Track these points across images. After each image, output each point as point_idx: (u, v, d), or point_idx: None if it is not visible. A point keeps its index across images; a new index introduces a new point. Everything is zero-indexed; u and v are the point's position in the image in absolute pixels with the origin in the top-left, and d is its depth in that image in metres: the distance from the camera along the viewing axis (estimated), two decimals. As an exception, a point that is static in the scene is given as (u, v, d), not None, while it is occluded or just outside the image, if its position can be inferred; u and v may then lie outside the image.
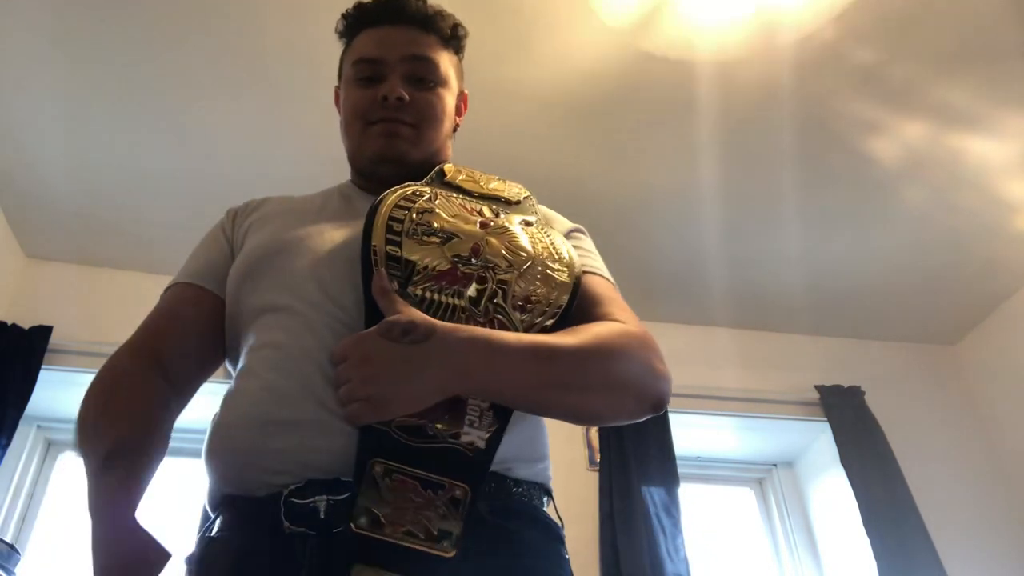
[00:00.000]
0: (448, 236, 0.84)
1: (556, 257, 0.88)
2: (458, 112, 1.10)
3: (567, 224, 1.02)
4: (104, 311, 2.58)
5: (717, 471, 3.04)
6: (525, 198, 0.98)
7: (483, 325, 0.79)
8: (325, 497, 0.72)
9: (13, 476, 2.39)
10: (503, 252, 0.84)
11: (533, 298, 0.82)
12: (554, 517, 0.86)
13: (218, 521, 0.80)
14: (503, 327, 0.79)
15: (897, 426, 2.82)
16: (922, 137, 2.32)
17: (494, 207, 0.93)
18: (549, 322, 0.82)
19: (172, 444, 2.87)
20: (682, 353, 2.91)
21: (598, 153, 2.39)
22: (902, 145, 2.34)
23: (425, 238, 0.83)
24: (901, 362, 3.14)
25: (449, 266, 0.81)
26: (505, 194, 0.97)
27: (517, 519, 0.78)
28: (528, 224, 0.91)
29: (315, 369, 0.78)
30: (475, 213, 0.89)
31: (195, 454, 2.77)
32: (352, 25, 1.06)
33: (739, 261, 2.77)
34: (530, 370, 0.77)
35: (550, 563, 0.80)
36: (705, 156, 2.37)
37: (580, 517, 2.40)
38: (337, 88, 1.11)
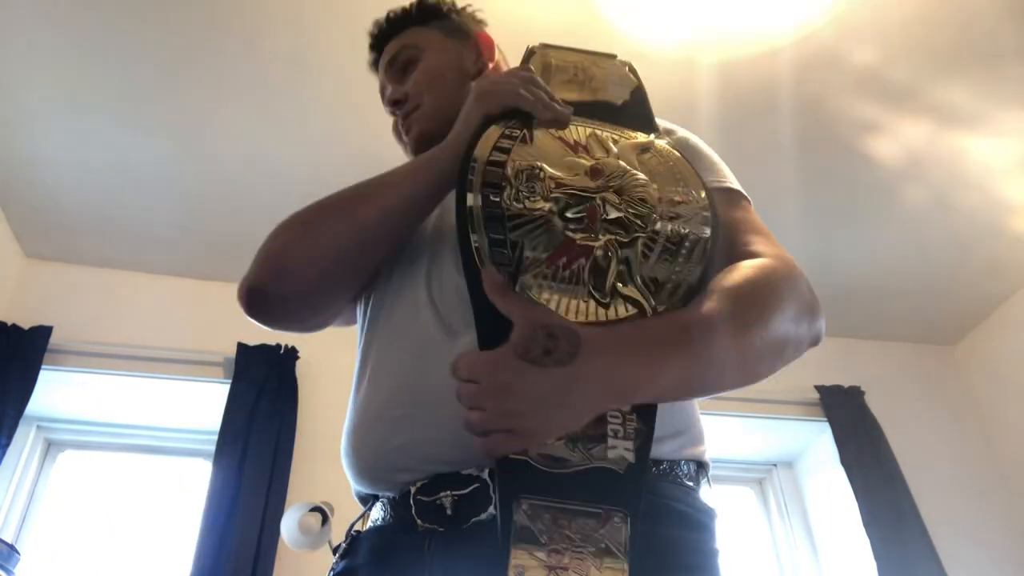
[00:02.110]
0: (556, 200, 0.69)
1: (685, 199, 0.73)
2: (482, 59, 1.07)
3: (669, 127, 0.93)
4: (104, 311, 2.58)
5: (717, 471, 3.01)
6: (634, 92, 0.84)
7: (607, 305, 0.67)
8: (449, 493, 0.71)
9: (13, 476, 2.39)
10: (625, 211, 0.70)
11: (665, 270, 0.69)
12: (708, 498, 0.78)
13: (364, 518, 0.83)
14: (635, 304, 0.67)
15: (897, 426, 2.82)
16: (922, 137, 2.31)
17: (600, 129, 0.77)
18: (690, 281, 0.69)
19: (172, 444, 2.87)
20: (682, 353, 2.91)
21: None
22: (902, 145, 2.34)
23: (529, 203, 0.69)
24: (901, 362, 3.13)
25: (563, 240, 0.67)
26: (610, 96, 0.82)
27: (655, 515, 0.69)
28: (645, 151, 0.76)
29: (417, 369, 0.77)
30: (581, 151, 0.74)
31: (195, 454, 2.77)
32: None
33: (739, 261, 2.76)
34: (691, 361, 0.67)
35: (697, 571, 0.72)
36: (705, 156, 2.37)
37: (580, 517, 2.39)
38: None
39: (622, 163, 0.74)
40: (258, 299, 0.83)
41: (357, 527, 0.83)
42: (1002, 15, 1.99)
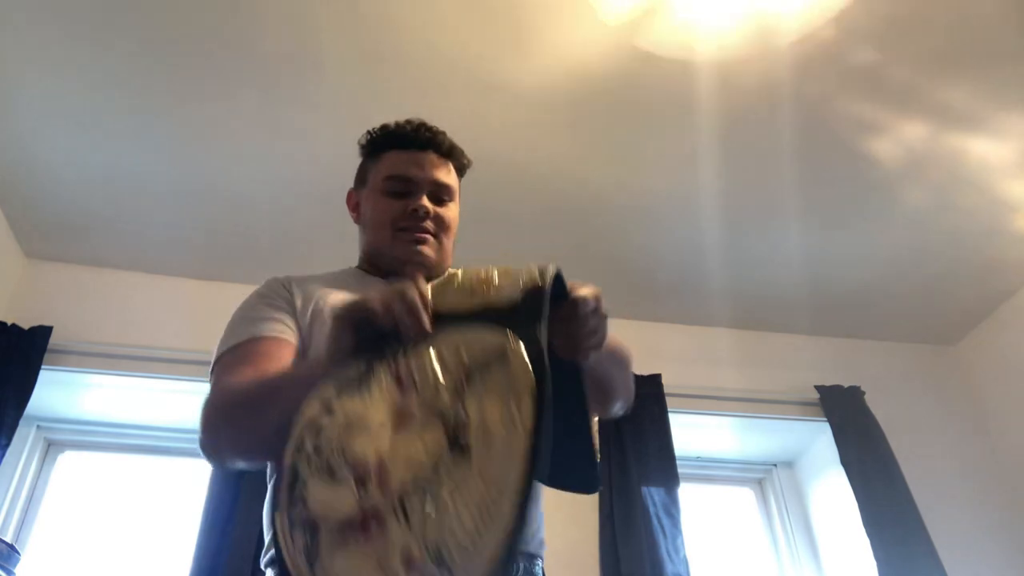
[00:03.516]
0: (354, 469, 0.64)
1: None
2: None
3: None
4: (104, 311, 2.58)
5: (717, 471, 3.03)
6: (529, 291, 0.72)
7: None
8: None
9: (13, 476, 2.39)
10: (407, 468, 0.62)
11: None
12: None
13: None
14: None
15: (897, 426, 2.82)
16: (922, 137, 2.31)
17: (448, 348, 0.69)
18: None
19: (171, 444, 2.86)
20: (682, 353, 2.92)
21: (599, 154, 2.39)
22: (902, 145, 2.34)
23: (330, 478, 0.64)
24: (901, 362, 3.13)
25: (354, 509, 0.61)
26: (500, 300, 0.72)
27: None
28: (470, 378, 0.65)
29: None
30: (406, 391, 0.67)
31: (195, 454, 2.76)
32: (380, 144, 1.26)
33: (739, 261, 2.77)
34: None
35: None
36: (705, 156, 2.37)
37: (580, 517, 2.40)
38: (352, 191, 1.30)
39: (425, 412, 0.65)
40: (208, 459, 0.97)
41: None
42: (1002, 15, 1.99)
